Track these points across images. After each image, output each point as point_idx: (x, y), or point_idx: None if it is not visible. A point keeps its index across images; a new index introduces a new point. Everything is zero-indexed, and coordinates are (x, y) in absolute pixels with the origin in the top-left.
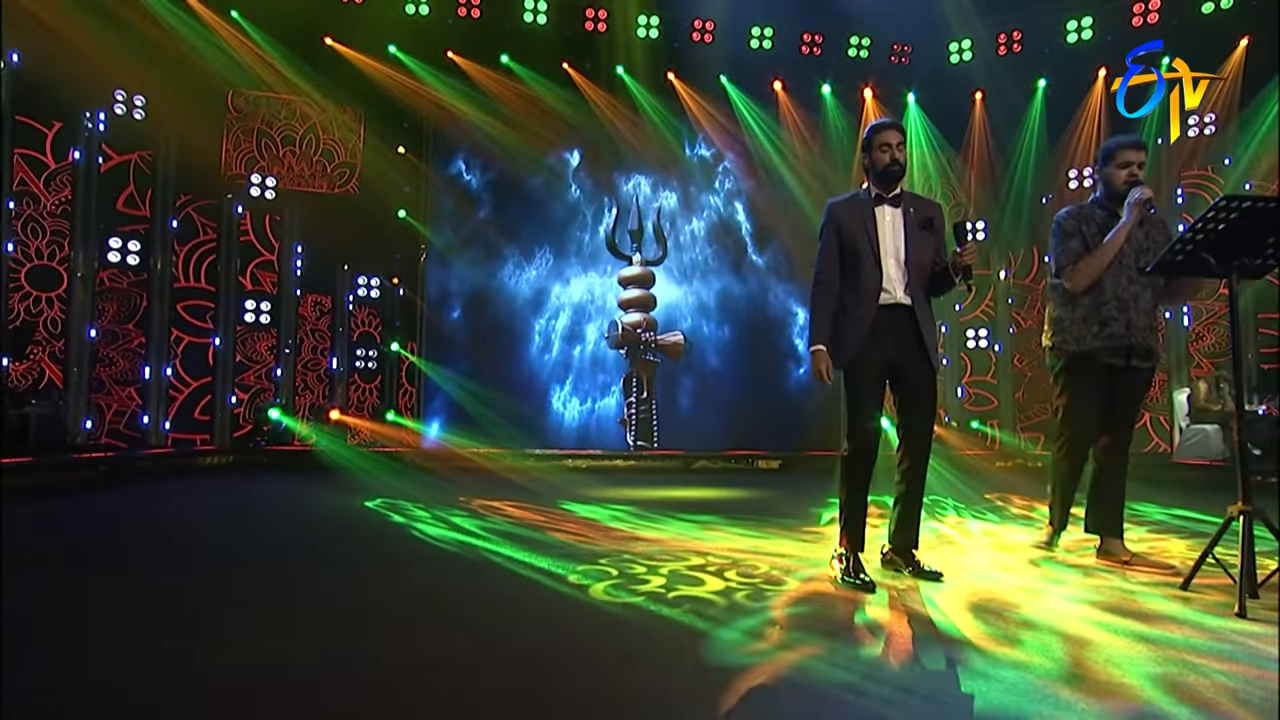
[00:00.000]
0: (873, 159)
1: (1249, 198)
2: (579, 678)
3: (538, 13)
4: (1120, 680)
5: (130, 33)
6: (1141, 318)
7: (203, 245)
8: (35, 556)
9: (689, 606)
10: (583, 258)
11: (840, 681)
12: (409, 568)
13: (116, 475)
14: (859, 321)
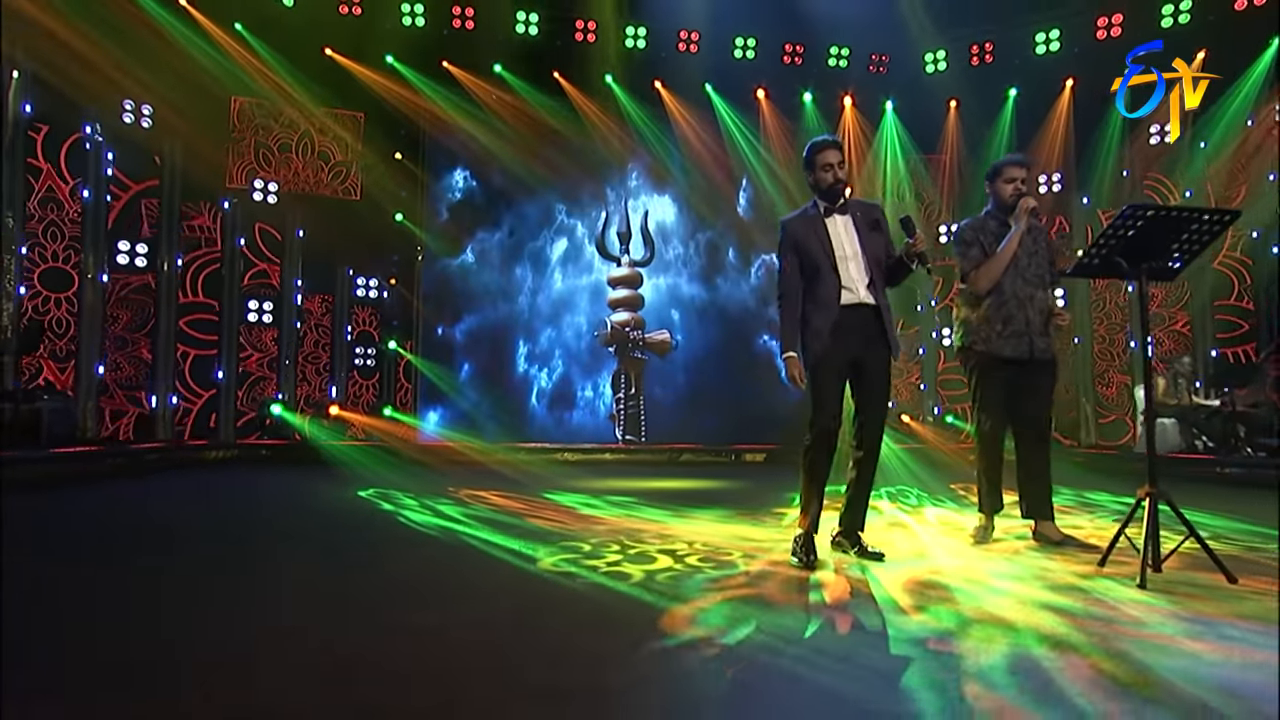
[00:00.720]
0: (817, 178)
1: (1151, 208)
2: (527, 641)
3: (529, 24)
4: (1013, 641)
5: (138, 45)
6: (1037, 315)
7: (205, 256)
8: (42, 543)
9: (638, 581)
10: (573, 259)
11: (759, 644)
12: (390, 549)
13: (124, 469)
14: (821, 328)
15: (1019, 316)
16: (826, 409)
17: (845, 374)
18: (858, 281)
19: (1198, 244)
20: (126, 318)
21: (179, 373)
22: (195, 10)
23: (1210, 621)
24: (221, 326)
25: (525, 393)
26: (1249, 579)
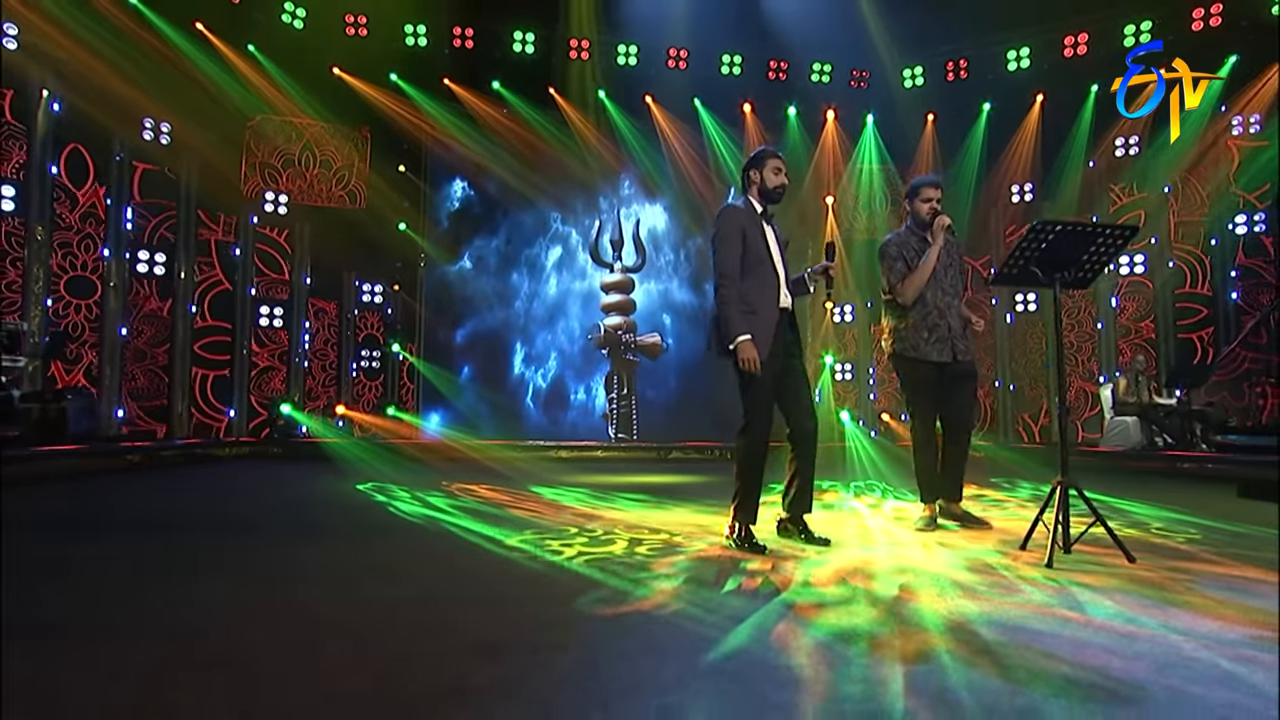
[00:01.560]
0: (764, 178)
1: (1059, 223)
2: (478, 608)
3: (525, 43)
4: (916, 611)
5: (157, 67)
6: (957, 321)
7: (220, 256)
8: (64, 528)
9: (591, 560)
10: (567, 265)
11: (687, 614)
12: (376, 534)
13: (144, 463)
14: (769, 320)
15: (941, 324)
16: (764, 410)
17: (779, 374)
18: (783, 286)
19: (1106, 255)
20: (150, 333)
21: (194, 388)
22: (211, 34)
23: (1093, 592)
24: (234, 332)
25: (522, 393)
26: (1146, 558)
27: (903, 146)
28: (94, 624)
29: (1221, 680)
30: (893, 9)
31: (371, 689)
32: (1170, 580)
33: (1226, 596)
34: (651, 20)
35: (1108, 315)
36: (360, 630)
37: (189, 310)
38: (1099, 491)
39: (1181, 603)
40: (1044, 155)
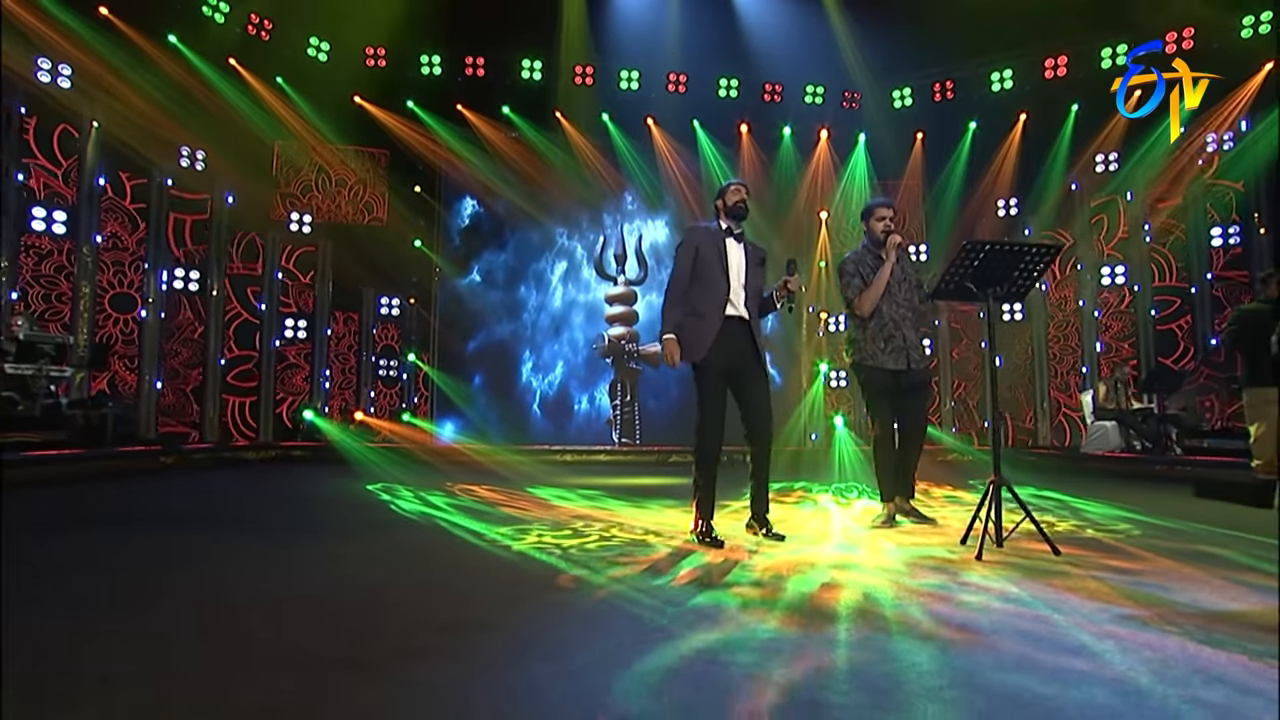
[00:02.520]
0: (725, 199)
1: (988, 243)
2: (449, 591)
3: (533, 70)
4: (850, 596)
5: (192, 99)
6: (911, 332)
7: (249, 272)
8: (105, 520)
9: (560, 553)
10: (573, 278)
11: (629, 598)
12: (371, 528)
13: (176, 465)
14: (711, 325)
15: (896, 335)
16: (714, 414)
17: (727, 379)
18: (738, 298)
19: (1035, 272)
20: (185, 354)
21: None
22: (242, 68)
23: (1005, 579)
24: (261, 342)
25: (530, 400)
26: (1073, 551)
27: (893, 163)
28: (125, 598)
29: (1074, 650)
30: (882, 34)
31: (336, 650)
32: (1076, 568)
33: (1120, 582)
34: (653, 45)
35: (1089, 325)
36: (335, 606)
37: (221, 324)
38: (1068, 492)
39: (1077, 587)
40: (1028, 171)
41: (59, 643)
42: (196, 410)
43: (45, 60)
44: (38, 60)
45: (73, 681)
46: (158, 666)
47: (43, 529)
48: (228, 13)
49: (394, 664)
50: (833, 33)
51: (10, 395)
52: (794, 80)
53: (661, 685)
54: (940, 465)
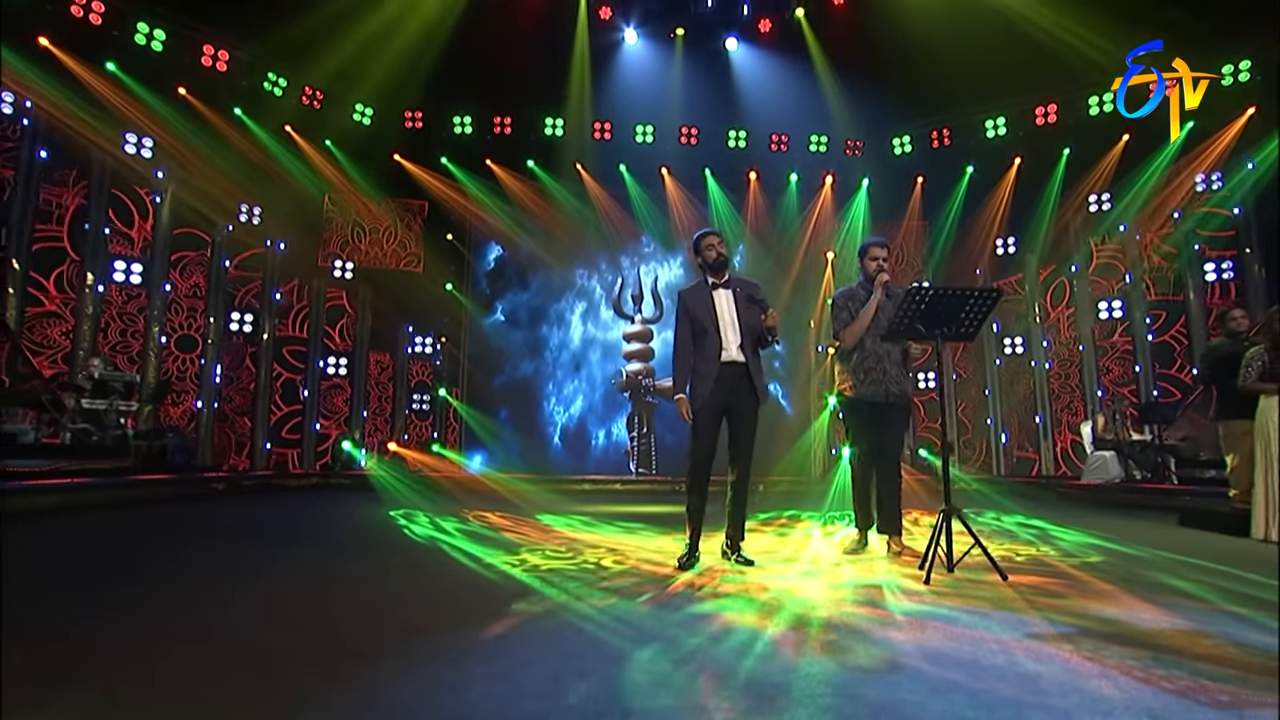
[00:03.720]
0: (703, 257)
1: (932, 289)
2: (421, 603)
3: (555, 127)
4: (784, 617)
5: (251, 163)
6: (893, 368)
7: (301, 313)
8: (172, 538)
9: (538, 573)
10: (593, 318)
11: (578, 612)
12: (379, 549)
13: (227, 491)
14: (707, 378)
15: (877, 368)
16: (701, 443)
17: (720, 416)
18: (732, 343)
19: (980, 313)
20: (229, 359)
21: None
22: (296, 134)
23: (945, 603)
24: (307, 378)
25: (551, 432)
26: (1026, 577)
27: (895, 205)
28: (162, 598)
29: (963, 664)
30: (880, 86)
31: (294, 647)
32: (1015, 595)
33: (1054, 604)
34: (666, 102)
35: (1089, 359)
36: (310, 610)
37: (270, 362)
38: (1054, 520)
39: (1008, 608)
40: (1024, 211)
41: (65, 628)
42: (248, 443)
43: (132, 135)
44: (125, 134)
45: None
46: (149, 653)
47: (89, 545)
48: (285, 87)
49: (342, 661)
50: (822, 90)
51: (86, 427)
52: (799, 130)
53: (569, 684)
54: (935, 495)
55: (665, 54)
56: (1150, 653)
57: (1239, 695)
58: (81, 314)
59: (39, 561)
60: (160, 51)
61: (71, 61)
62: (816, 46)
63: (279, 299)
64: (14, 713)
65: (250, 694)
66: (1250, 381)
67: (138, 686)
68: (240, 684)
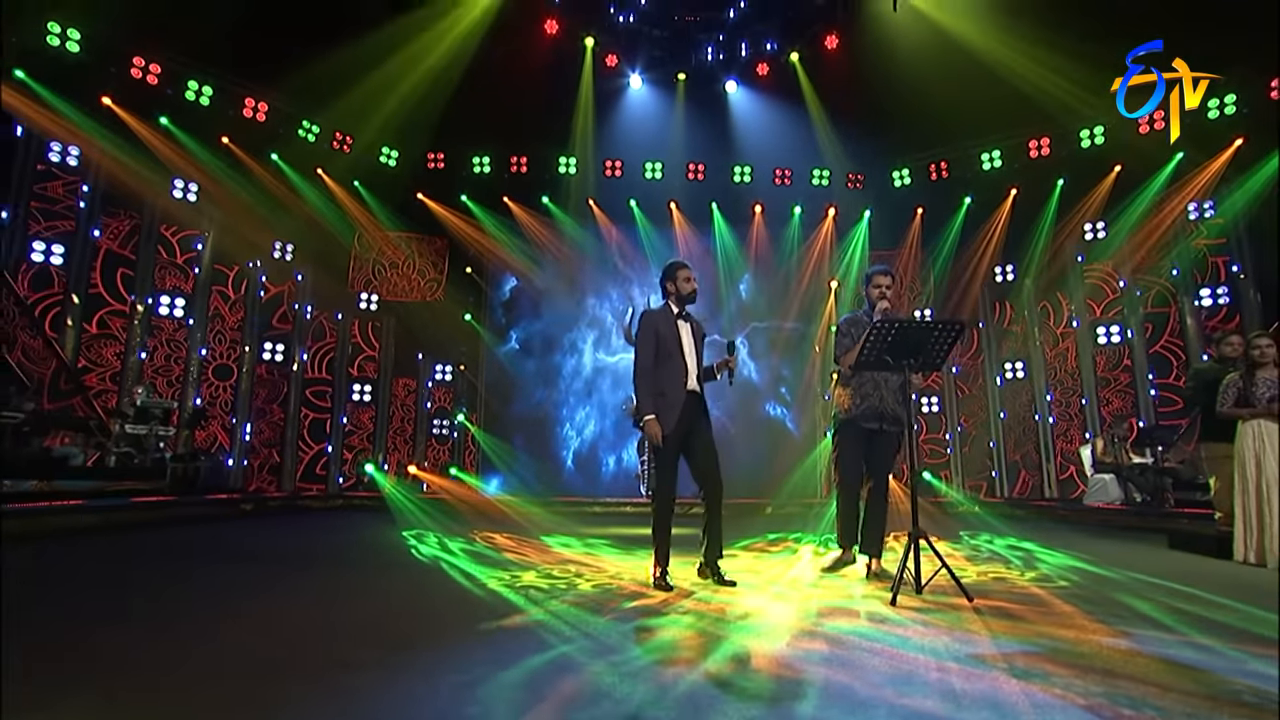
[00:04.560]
0: (678, 287)
1: (897, 322)
2: (408, 616)
3: (569, 166)
4: (740, 635)
5: (283, 202)
6: (890, 394)
7: (327, 342)
8: (193, 555)
9: (524, 591)
10: (604, 347)
11: (546, 625)
12: (382, 567)
13: (255, 511)
14: (674, 405)
15: (874, 395)
16: (669, 472)
17: (680, 445)
18: (691, 374)
19: (945, 344)
20: (264, 394)
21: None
22: (327, 177)
23: (901, 625)
24: (334, 396)
25: (565, 457)
26: (993, 598)
27: (895, 236)
28: (172, 611)
29: (899, 681)
30: (880, 122)
31: (283, 655)
32: (974, 617)
33: (1007, 625)
34: (674, 140)
35: (1089, 382)
36: (305, 621)
37: (299, 388)
38: (1044, 543)
39: (962, 629)
40: (1021, 240)
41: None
42: (278, 466)
43: (180, 180)
44: (174, 180)
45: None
46: (148, 659)
47: (116, 561)
48: (317, 133)
49: (327, 671)
50: (820, 128)
51: (129, 450)
52: (801, 165)
53: (518, 696)
54: (935, 518)
55: (668, 97)
56: (1076, 672)
57: (1145, 716)
58: (130, 344)
59: (68, 576)
60: (207, 105)
61: (129, 117)
62: (810, 88)
63: (309, 323)
64: (15, 713)
65: (236, 698)
66: (1226, 407)
67: (134, 690)
68: (229, 688)
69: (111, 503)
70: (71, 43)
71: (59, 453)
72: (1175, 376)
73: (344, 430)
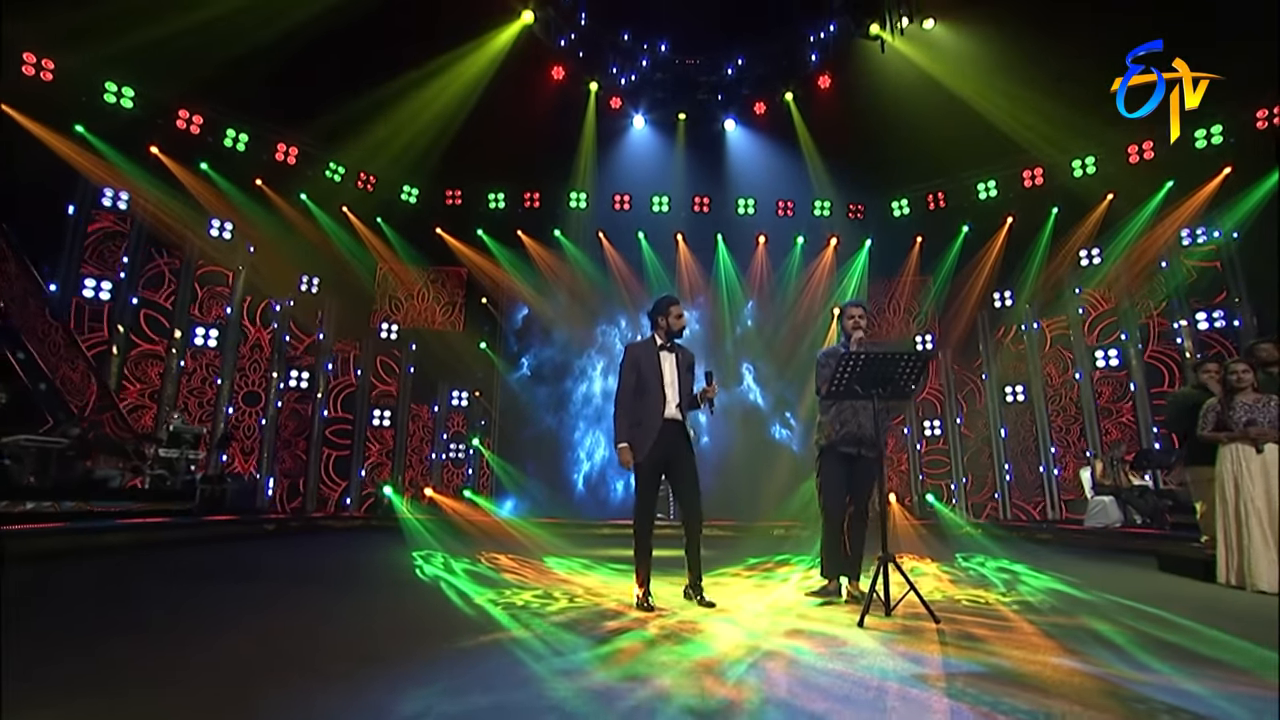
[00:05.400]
0: (669, 323)
1: (865, 354)
2: (393, 631)
3: (579, 200)
4: (701, 655)
5: (310, 238)
6: (868, 422)
7: (346, 372)
8: (209, 572)
9: (513, 610)
10: (614, 373)
11: (519, 642)
12: (385, 584)
13: (277, 531)
14: (651, 430)
15: (852, 422)
16: (646, 496)
17: (660, 470)
18: (671, 402)
19: (913, 374)
20: (293, 426)
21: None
22: (353, 216)
23: (858, 644)
24: (354, 429)
25: (576, 480)
26: (961, 620)
27: (895, 262)
28: (183, 619)
29: (840, 699)
30: (877, 155)
31: (271, 666)
32: (933, 638)
33: (962, 646)
34: (680, 175)
35: (1088, 405)
36: (297, 635)
37: (322, 413)
38: (1035, 565)
39: (918, 649)
40: (1018, 266)
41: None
42: (301, 488)
43: (216, 220)
44: (211, 220)
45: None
46: (147, 665)
47: (137, 577)
48: (343, 174)
49: (298, 680)
50: (816, 161)
51: (162, 473)
52: (804, 196)
53: (471, 712)
54: (934, 540)
55: (669, 135)
56: (1010, 691)
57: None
58: (167, 372)
59: (89, 590)
60: (243, 151)
61: (173, 164)
62: (802, 125)
63: (332, 352)
64: (16, 713)
65: (215, 700)
66: (1207, 431)
67: (121, 691)
68: (212, 692)
69: (141, 521)
70: (125, 99)
71: (99, 475)
72: (1168, 383)
73: (364, 454)
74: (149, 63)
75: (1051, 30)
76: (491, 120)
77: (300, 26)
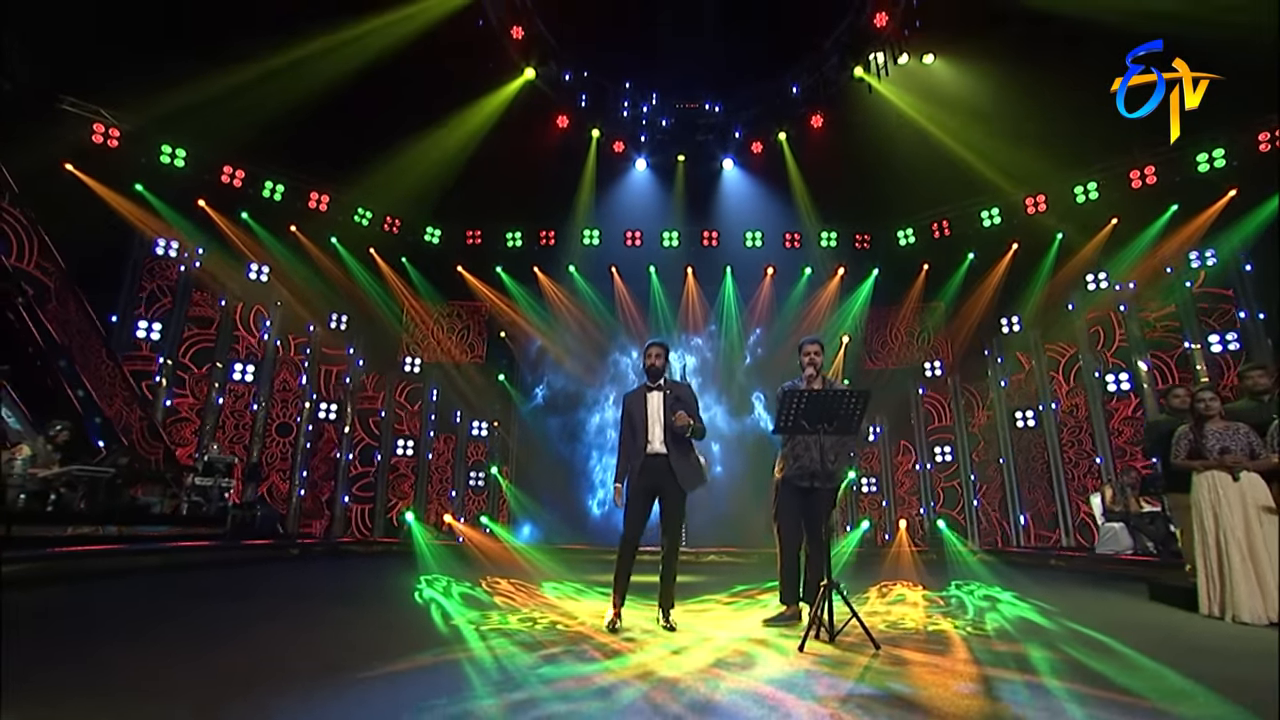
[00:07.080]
0: (645, 365)
1: (806, 392)
2: (370, 648)
3: (592, 238)
4: (638, 679)
5: (338, 280)
6: (820, 454)
7: (372, 404)
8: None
9: (495, 632)
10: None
11: (480, 664)
12: (380, 604)
13: (301, 555)
14: (636, 466)
15: (805, 455)
16: (629, 524)
17: (647, 499)
18: (657, 436)
19: (856, 410)
20: (323, 469)
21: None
22: (378, 257)
23: (786, 672)
24: (379, 459)
25: (589, 507)
26: (902, 645)
27: (902, 289)
28: (187, 632)
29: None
30: (877, 189)
31: (244, 675)
32: (866, 664)
33: (890, 671)
34: (689, 210)
35: (1099, 431)
36: (281, 649)
37: (350, 442)
38: (1024, 593)
39: (842, 674)
40: (1025, 291)
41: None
42: (328, 515)
43: (254, 264)
44: (249, 264)
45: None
46: (143, 669)
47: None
48: (370, 217)
49: (266, 685)
50: (810, 195)
51: (198, 500)
52: (806, 229)
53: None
54: (933, 567)
55: (669, 176)
56: (897, 712)
57: None
58: (208, 404)
59: (117, 608)
60: (279, 200)
61: (217, 216)
62: (794, 163)
63: (360, 385)
64: (16, 712)
65: (189, 700)
66: (1180, 459)
67: (114, 692)
68: (192, 694)
69: (176, 545)
70: (179, 159)
71: (142, 501)
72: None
73: (388, 482)
74: (200, 126)
75: (1038, 62)
76: (505, 165)
77: (334, 85)
